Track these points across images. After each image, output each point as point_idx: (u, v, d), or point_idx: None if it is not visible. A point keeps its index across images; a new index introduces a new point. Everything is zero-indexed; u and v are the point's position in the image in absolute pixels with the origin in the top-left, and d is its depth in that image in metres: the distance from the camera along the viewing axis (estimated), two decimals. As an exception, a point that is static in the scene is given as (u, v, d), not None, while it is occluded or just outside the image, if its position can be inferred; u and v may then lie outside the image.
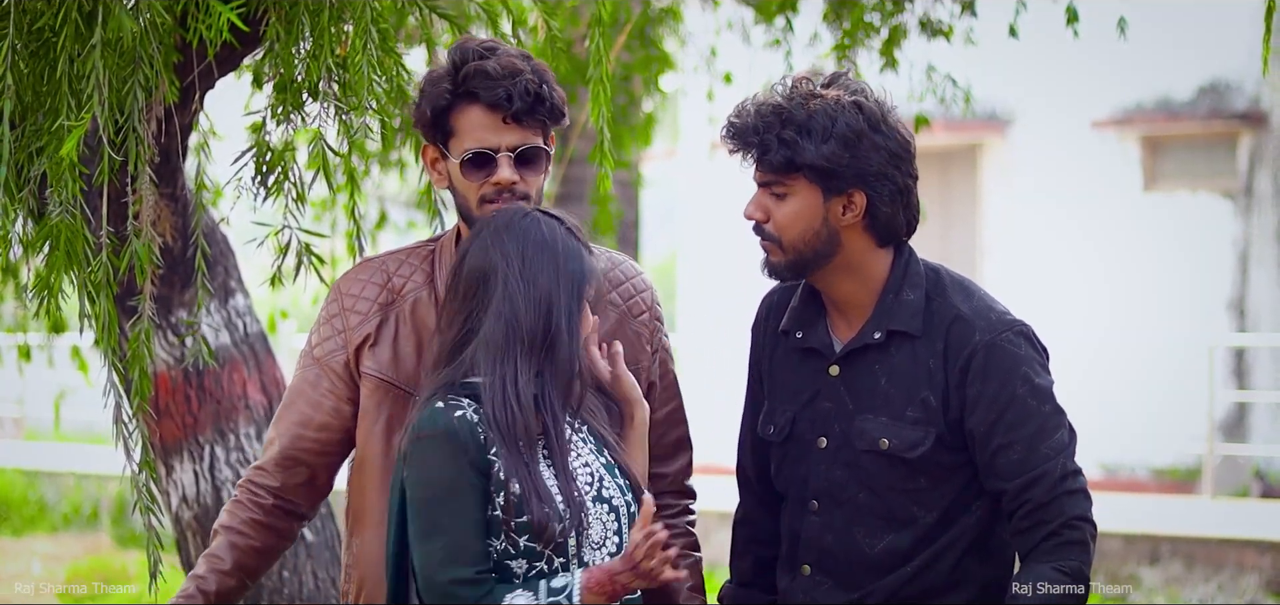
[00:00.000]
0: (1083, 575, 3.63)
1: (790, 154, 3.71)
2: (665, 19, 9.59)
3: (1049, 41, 8.38)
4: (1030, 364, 3.73)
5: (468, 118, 3.72)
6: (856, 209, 3.74)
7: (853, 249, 3.78)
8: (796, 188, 3.75)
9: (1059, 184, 16.97)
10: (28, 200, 4.19)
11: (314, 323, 3.97)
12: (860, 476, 3.80)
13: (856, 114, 3.72)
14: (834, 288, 3.84)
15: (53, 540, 15.71)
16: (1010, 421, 3.68)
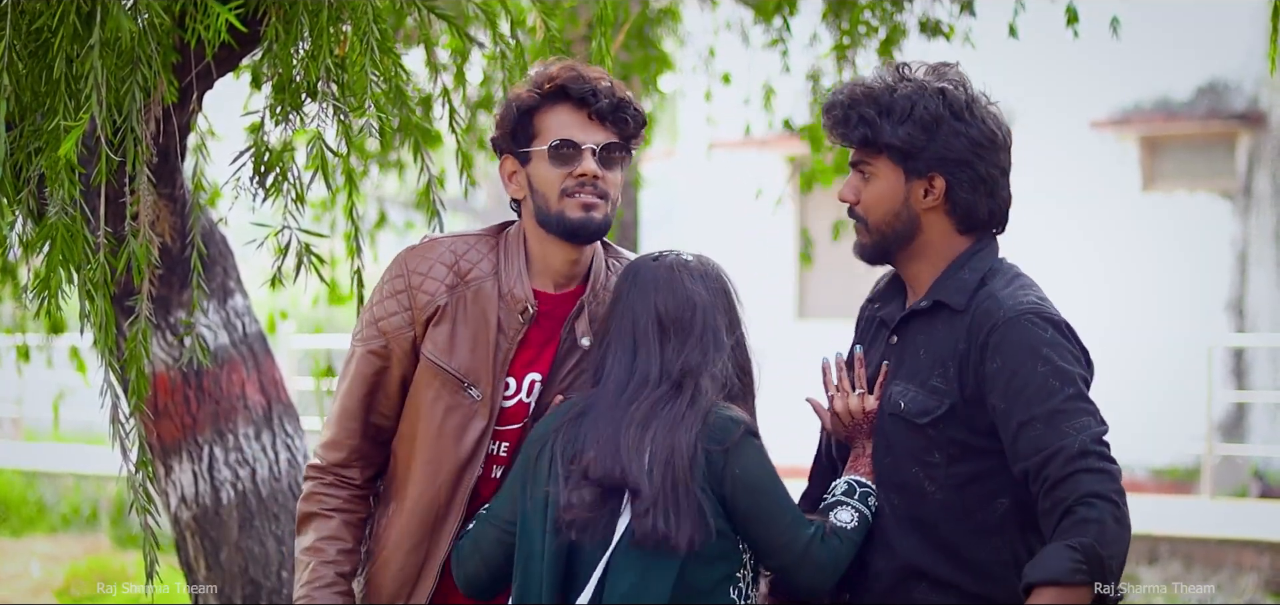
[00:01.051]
0: (1095, 555, 3.51)
1: (869, 132, 3.81)
2: (664, 19, 9.59)
3: (1048, 42, 8.39)
4: (1054, 347, 3.71)
5: (555, 115, 3.91)
6: (936, 193, 3.82)
7: (933, 233, 3.86)
8: (880, 168, 3.84)
9: (1058, 184, 16.97)
10: (26, 201, 4.19)
11: (374, 295, 3.99)
12: (885, 439, 3.87)
13: (939, 99, 3.80)
14: (912, 270, 3.92)
15: (52, 541, 15.71)
16: (1028, 398, 3.65)
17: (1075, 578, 3.51)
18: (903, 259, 3.91)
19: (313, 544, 3.98)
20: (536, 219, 3.93)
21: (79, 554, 14.83)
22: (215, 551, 5.33)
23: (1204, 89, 16.70)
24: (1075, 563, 3.51)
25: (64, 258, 3.90)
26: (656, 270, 3.89)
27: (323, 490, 3.98)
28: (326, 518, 3.97)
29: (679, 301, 3.85)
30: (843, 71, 7.59)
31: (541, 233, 3.94)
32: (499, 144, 3.99)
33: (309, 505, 3.99)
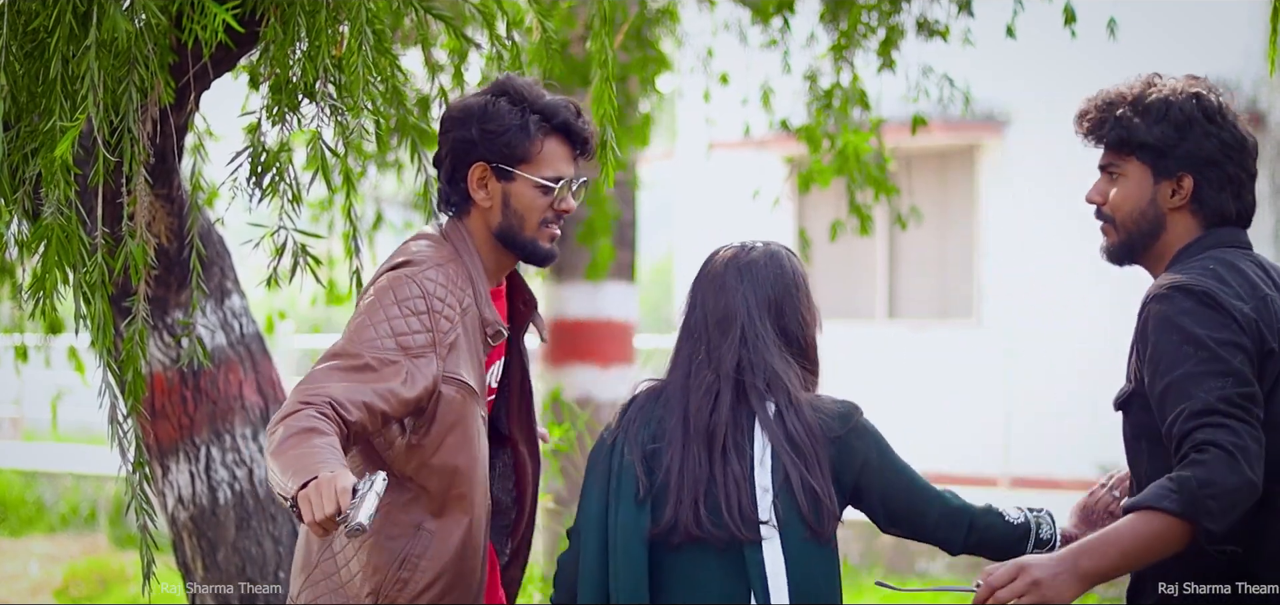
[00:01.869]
0: (1190, 490, 3.55)
1: (1125, 132, 3.95)
2: (662, 19, 9.59)
3: (1046, 41, 8.39)
4: (1188, 314, 3.74)
5: (550, 146, 4.04)
6: (1184, 192, 3.91)
7: (1176, 233, 3.95)
8: (1129, 169, 3.97)
9: (1057, 184, 16.96)
10: (23, 201, 4.19)
11: (384, 313, 3.89)
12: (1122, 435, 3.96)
13: (1192, 102, 3.91)
14: (1154, 270, 4.00)
15: (50, 541, 15.71)
16: (1164, 368, 3.71)
17: (1162, 504, 3.57)
18: (1148, 260, 4.01)
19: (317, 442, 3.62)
20: (498, 233, 4.05)
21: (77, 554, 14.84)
22: (212, 552, 5.33)
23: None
24: (1165, 491, 3.58)
25: (60, 258, 3.90)
26: (710, 267, 4.03)
27: (319, 417, 3.69)
28: (327, 435, 3.66)
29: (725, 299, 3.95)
30: (840, 72, 7.59)
31: (496, 245, 4.06)
32: (479, 151, 4.02)
33: (306, 422, 3.66)
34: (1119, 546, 3.61)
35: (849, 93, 7.62)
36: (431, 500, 4.01)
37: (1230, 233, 3.95)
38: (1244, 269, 3.85)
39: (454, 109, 4.09)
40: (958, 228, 17.76)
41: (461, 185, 4.03)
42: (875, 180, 7.75)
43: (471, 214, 4.05)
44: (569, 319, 10.61)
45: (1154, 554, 3.63)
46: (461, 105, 4.08)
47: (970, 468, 17.37)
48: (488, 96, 4.04)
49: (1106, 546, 3.62)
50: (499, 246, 4.06)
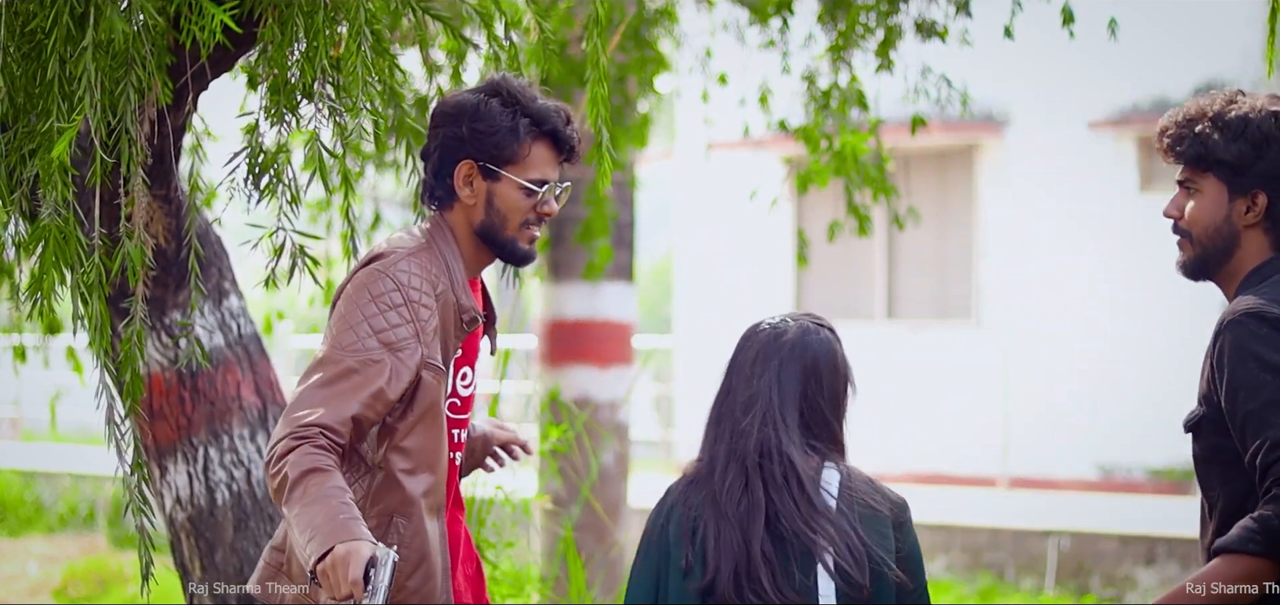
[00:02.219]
0: (1273, 528, 3.60)
1: (1202, 148, 3.94)
2: (660, 20, 9.59)
3: (1045, 42, 8.39)
4: (1265, 342, 3.75)
5: (538, 149, 4.09)
6: (1259, 209, 3.92)
7: (1249, 250, 3.96)
8: (1206, 185, 3.96)
9: (1055, 184, 16.98)
10: (20, 202, 4.19)
11: (362, 312, 3.95)
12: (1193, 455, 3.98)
13: (1271, 121, 3.94)
14: (1227, 288, 4.01)
15: (49, 541, 15.71)
16: (1245, 394, 3.72)
17: (1247, 546, 3.62)
18: (1222, 277, 4.01)
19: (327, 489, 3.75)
20: (480, 231, 4.11)
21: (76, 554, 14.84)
22: (210, 552, 5.32)
23: (1201, 89, 16.66)
24: (1249, 533, 3.62)
25: (57, 259, 3.90)
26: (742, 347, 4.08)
27: (316, 451, 3.80)
28: (328, 472, 3.78)
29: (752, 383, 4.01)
30: (839, 73, 7.59)
31: (477, 241, 4.12)
32: (468, 148, 4.06)
33: (306, 460, 3.77)
34: (1213, 591, 3.65)
35: (847, 93, 7.62)
36: (398, 488, 4.04)
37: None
38: None
39: (446, 104, 4.11)
40: (956, 228, 17.77)
41: (447, 180, 4.08)
42: (873, 181, 7.75)
43: (454, 209, 4.10)
44: (567, 319, 10.61)
45: (1243, 597, 3.66)
46: (454, 101, 4.11)
47: (969, 468, 17.37)
48: (481, 95, 4.07)
49: (1194, 594, 3.66)
50: (479, 243, 4.12)
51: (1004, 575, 13.81)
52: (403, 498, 4.04)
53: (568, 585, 7.62)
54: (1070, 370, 16.78)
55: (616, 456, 11.18)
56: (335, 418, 3.84)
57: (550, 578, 8.31)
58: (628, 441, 11.36)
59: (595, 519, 10.28)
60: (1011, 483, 16.83)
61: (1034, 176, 17.18)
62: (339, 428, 3.84)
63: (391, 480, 4.04)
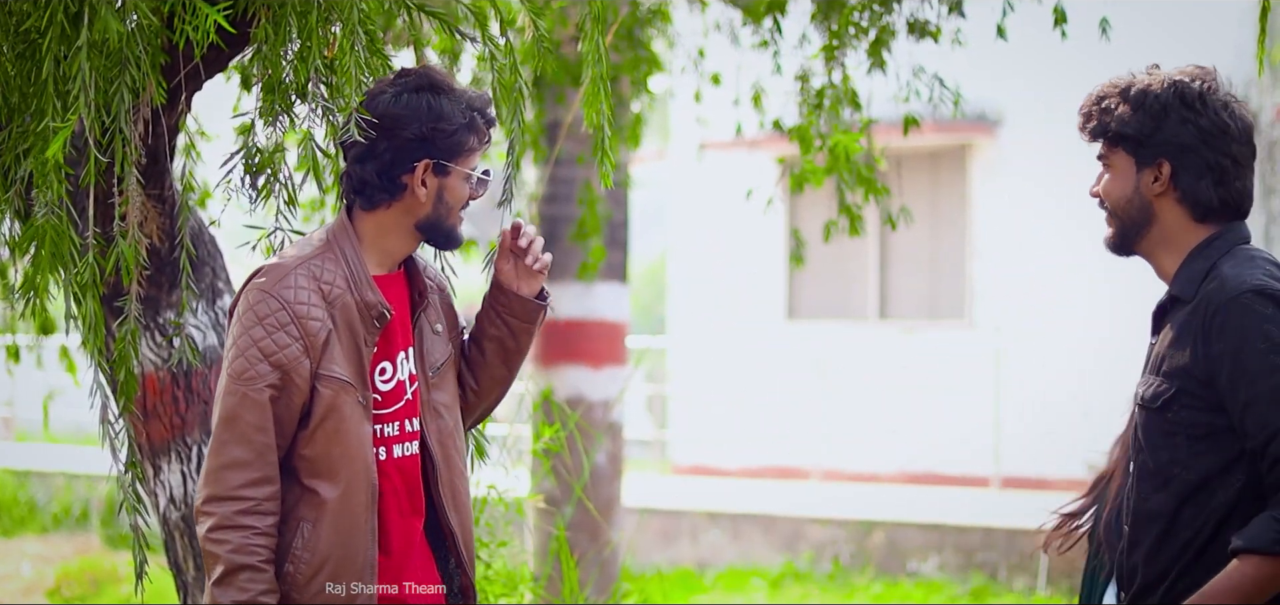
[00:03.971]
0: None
1: (1108, 123, 4.07)
2: (653, 20, 9.60)
3: (1037, 42, 8.40)
4: (1274, 322, 3.77)
5: (475, 142, 4.16)
6: (1164, 178, 3.99)
7: (1167, 221, 4.03)
8: (1117, 159, 4.08)
9: (1048, 184, 16.99)
10: (14, 201, 4.19)
11: (251, 332, 4.02)
12: (1136, 431, 4.01)
13: (1171, 90, 3.98)
14: (1156, 261, 4.09)
15: (42, 541, 15.71)
16: (1251, 377, 3.73)
17: (1275, 549, 3.63)
18: (1145, 249, 4.10)
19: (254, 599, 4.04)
20: (423, 224, 4.16)
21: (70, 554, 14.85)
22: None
23: (1194, 90, 16.71)
24: (1277, 534, 3.63)
25: (52, 259, 3.91)
26: None
27: (253, 542, 4.03)
28: (261, 570, 4.04)
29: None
30: (832, 73, 7.60)
31: (412, 232, 4.17)
32: (428, 148, 4.09)
33: (240, 557, 4.02)
34: (1238, 591, 3.67)
35: (840, 93, 7.63)
36: (305, 492, 4.10)
37: (1243, 229, 4.01)
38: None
39: (390, 105, 4.08)
40: (949, 228, 17.78)
41: (399, 178, 4.09)
42: (865, 180, 7.76)
43: (393, 206, 4.13)
44: (560, 319, 10.62)
45: (1266, 595, 3.68)
46: (397, 101, 4.09)
47: (961, 468, 17.39)
48: (425, 93, 4.09)
49: (1222, 594, 3.68)
50: (414, 235, 4.17)
51: (996, 575, 13.83)
52: (308, 502, 4.09)
53: (561, 585, 7.63)
54: (1063, 370, 16.79)
55: (609, 456, 11.19)
56: (270, 471, 4.05)
57: (543, 577, 8.33)
58: (621, 441, 11.38)
59: (588, 518, 10.29)
60: (1004, 483, 16.84)
61: (1026, 176, 17.19)
62: (261, 499, 4.04)
63: (297, 485, 4.11)
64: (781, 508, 15.30)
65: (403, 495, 4.22)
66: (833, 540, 14.73)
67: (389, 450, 4.19)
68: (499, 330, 4.39)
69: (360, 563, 4.10)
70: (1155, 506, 3.90)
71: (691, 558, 14.95)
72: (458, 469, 4.33)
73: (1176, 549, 3.86)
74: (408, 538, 4.23)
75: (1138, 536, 3.95)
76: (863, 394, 18.02)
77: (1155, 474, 3.91)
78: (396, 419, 4.21)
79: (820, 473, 17.74)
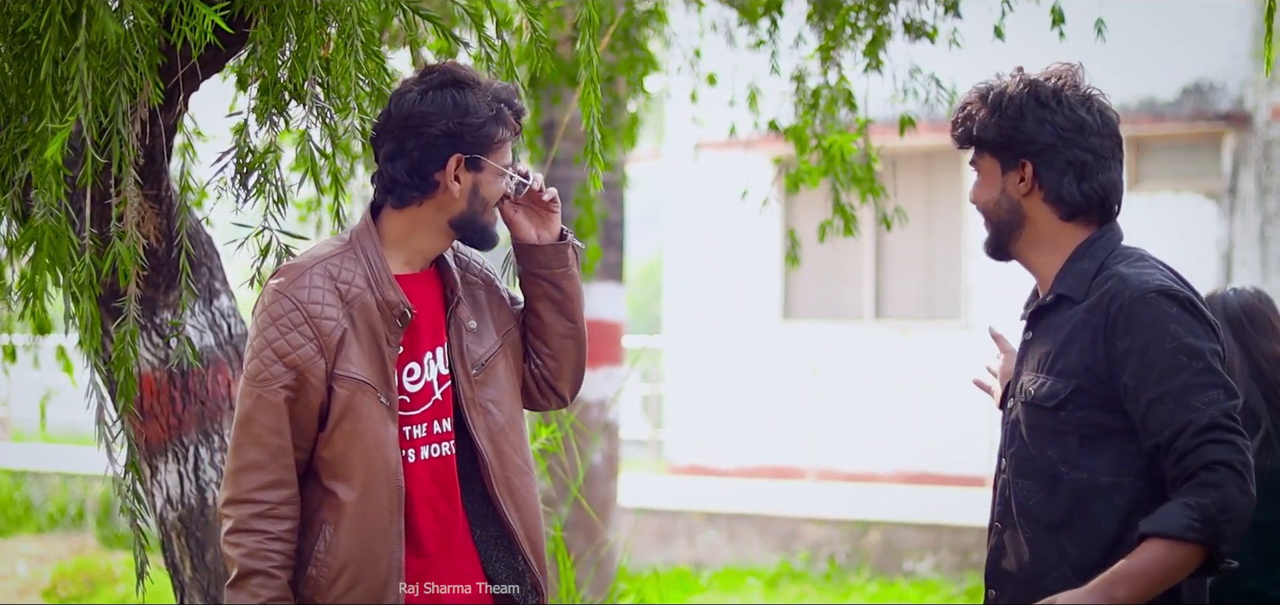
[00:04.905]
0: (1211, 517, 3.64)
1: (970, 128, 4.06)
2: (649, 20, 9.60)
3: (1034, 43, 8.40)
4: (1180, 322, 3.83)
5: (509, 140, 4.15)
6: (1028, 179, 4.02)
7: (1038, 222, 4.06)
8: (983, 164, 4.09)
9: (1044, 185, 16.98)
10: (12, 202, 4.19)
11: (266, 333, 4.03)
12: (1020, 429, 4.01)
13: (1026, 90, 3.99)
14: (1031, 262, 4.12)
15: (38, 541, 15.71)
16: (1159, 375, 3.77)
17: (1187, 535, 3.66)
18: (1018, 250, 4.12)
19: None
20: (457, 221, 4.12)
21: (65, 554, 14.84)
22: (201, 552, 5.32)
23: (1189, 90, 16.74)
24: (1190, 521, 3.65)
25: (50, 260, 3.91)
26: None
27: (267, 547, 4.04)
28: (273, 576, 4.05)
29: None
30: (828, 73, 7.60)
31: (445, 229, 4.14)
32: (459, 143, 4.07)
33: (253, 561, 4.04)
34: (1149, 575, 3.69)
35: (836, 93, 7.63)
36: (327, 495, 4.10)
37: (1120, 230, 4.10)
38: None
39: (416, 103, 4.07)
40: (944, 228, 17.79)
41: (431, 175, 4.07)
42: (861, 181, 7.76)
43: (425, 204, 4.10)
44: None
45: (1176, 580, 3.72)
46: (424, 99, 4.07)
47: (957, 468, 17.39)
48: (450, 89, 4.07)
49: (1135, 577, 3.70)
50: (447, 232, 4.14)
51: (992, 574, 13.82)
52: (329, 504, 4.09)
53: (557, 585, 7.63)
54: (1059, 370, 16.79)
55: (605, 456, 11.19)
56: (285, 474, 4.05)
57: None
58: (617, 441, 11.38)
59: (584, 518, 10.30)
60: (1000, 482, 16.84)
61: (1022, 176, 17.19)
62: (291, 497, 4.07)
63: (319, 487, 4.11)
64: (777, 508, 15.31)
65: (437, 498, 4.18)
66: (828, 540, 14.73)
67: (417, 452, 4.15)
68: (542, 287, 4.31)
69: (384, 565, 4.08)
70: (1039, 505, 3.94)
71: (688, 558, 14.95)
72: (515, 465, 4.27)
73: (1071, 549, 3.89)
74: (445, 540, 4.19)
75: (1018, 534, 3.98)
76: (858, 394, 18.03)
77: (1041, 472, 3.94)
78: (424, 420, 4.17)
79: (816, 473, 17.75)
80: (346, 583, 4.07)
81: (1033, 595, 3.91)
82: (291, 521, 4.06)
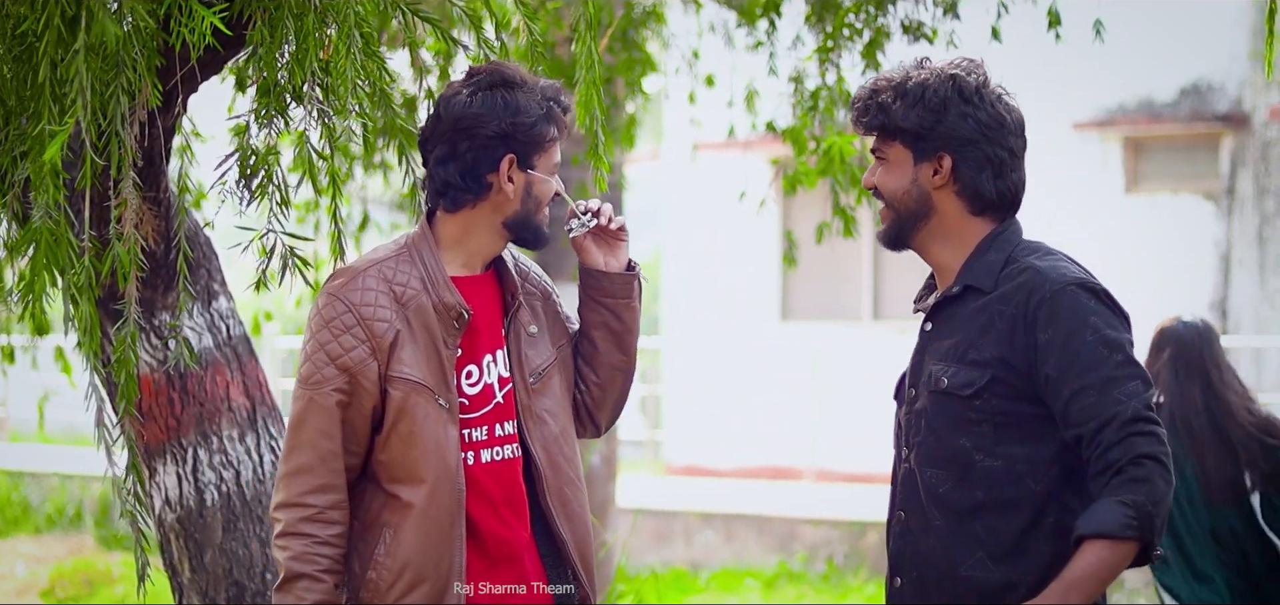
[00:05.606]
0: (1146, 513, 3.68)
1: (885, 117, 4.02)
2: (648, 21, 9.60)
3: (1031, 43, 8.40)
4: (1100, 315, 3.87)
5: (552, 134, 4.14)
6: (945, 172, 4.02)
7: (946, 213, 4.07)
8: (893, 152, 4.06)
9: (1041, 185, 16.96)
10: (11, 204, 4.20)
11: (319, 337, 4.05)
12: (928, 418, 4.02)
13: (949, 84, 4.01)
14: (933, 253, 4.13)
15: (36, 542, 15.70)
16: (1082, 367, 3.81)
17: (1126, 533, 3.69)
18: (921, 241, 4.12)
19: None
20: (511, 221, 4.13)
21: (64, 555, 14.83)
22: (199, 553, 5.33)
23: (1187, 90, 16.73)
24: (1127, 518, 3.69)
25: (49, 261, 3.91)
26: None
27: (314, 551, 4.04)
28: (319, 580, 4.05)
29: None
30: (826, 74, 7.60)
31: (500, 230, 4.15)
32: (511, 144, 4.08)
33: (299, 564, 4.04)
34: (1097, 576, 3.73)
35: (834, 94, 7.63)
36: (388, 499, 4.10)
37: (1020, 225, 4.14)
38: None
39: (467, 104, 4.09)
40: (943, 228, 17.78)
41: (485, 176, 4.08)
42: (859, 182, 7.76)
43: (479, 205, 4.12)
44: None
45: (1116, 576, 3.77)
46: (475, 100, 4.09)
47: (956, 468, 17.38)
48: (499, 90, 4.09)
49: (1085, 580, 3.73)
50: (502, 233, 4.15)
51: (990, 575, 13.82)
52: (391, 507, 4.09)
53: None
54: (1056, 371, 16.79)
55: (603, 457, 11.19)
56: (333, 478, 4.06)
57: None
58: (615, 442, 11.38)
59: (583, 519, 10.28)
60: (998, 483, 16.84)
61: (1020, 177, 17.18)
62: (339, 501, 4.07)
63: (381, 492, 4.11)
64: (775, 508, 15.31)
65: (499, 501, 4.17)
66: (827, 541, 14.73)
67: (477, 455, 4.14)
68: (602, 314, 4.33)
69: (445, 567, 4.08)
70: (950, 493, 3.96)
71: (685, 558, 14.95)
72: (567, 477, 4.26)
73: (985, 535, 3.92)
74: (509, 545, 4.18)
75: (929, 522, 3.99)
76: (856, 395, 18.02)
77: (953, 461, 3.96)
78: (485, 423, 4.16)
79: (814, 473, 17.74)
80: (406, 585, 4.06)
81: (946, 582, 3.95)
82: (340, 526, 4.06)
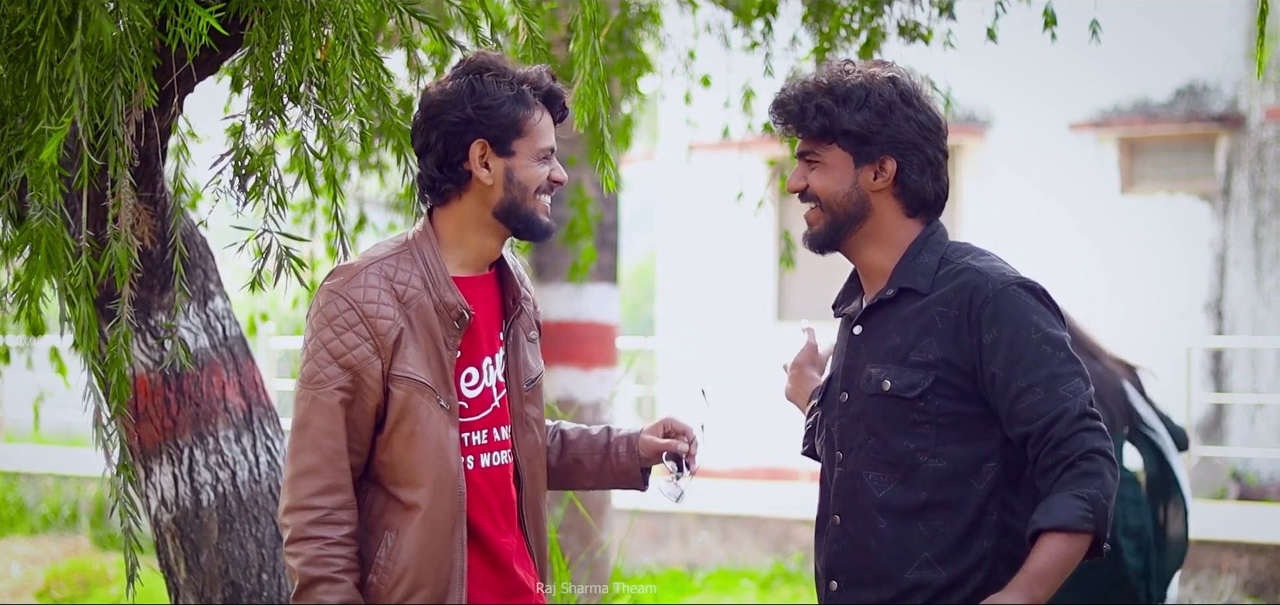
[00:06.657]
0: (1100, 505, 3.73)
1: (827, 121, 4.00)
2: (644, 21, 9.60)
3: (1027, 44, 8.41)
4: (1041, 314, 3.91)
5: (542, 119, 4.07)
6: (887, 175, 4.01)
7: (882, 216, 4.04)
8: (830, 156, 4.03)
9: (1037, 186, 17.01)
10: (8, 204, 4.19)
11: (320, 335, 4.02)
12: (867, 422, 4.03)
13: (891, 87, 4.00)
14: (864, 256, 4.09)
15: (32, 542, 15.68)
16: (1027, 365, 3.85)
17: (1083, 526, 3.75)
18: (853, 244, 4.09)
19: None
20: (499, 210, 4.08)
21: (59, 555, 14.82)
22: (195, 554, 5.32)
23: (1183, 91, 16.74)
24: (1084, 512, 3.74)
25: (46, 262, 3.91)
26: None
27: (328, 553, 4.00)
28: (337, 581, 4.00)
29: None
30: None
31: (492, 223, 4.09)
32: (476, 129, 4.04)
33: (314, 569, 3.99)
34: (1058, 569, 3.77)
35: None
36: (390, 501, 4.07)
37: (943, 226, 4.11)
38: None
39: (437, 93, 4.08)
40: (939, 229, 17.78)
41: (460, 166, 4.05)
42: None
43: (465, 197, 4.08)
44: (551, 320, 10.62)
45: (1071, 570, 3.81)
46: (443, 89, 4.07)
47: (951, 469, 17.38)
48: (469, 76, 4.06)
49: (1047, 574, 3.77)
50: (495, 226, 4.10)
51: (986, 575, 13.82)
52: (392, 510, 4.07)
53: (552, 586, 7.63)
54: (1052, 371, 16.79)
55: (601, 458, 11.16)
56: (341, 478, 4.01)
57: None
58: (612, 442, 11.33)
59: (579, 520, 10.29)
60: (994, 483, 16.84)
61: (1016, 178, 17.20)
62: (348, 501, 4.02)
63: (382, 493, 4.08)
64: (771, 509, 15.30)
65: (495, 507, 4.17)
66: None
67: (476, 459, 4.13)
68: (593, 464, 4.41)
69: (446, 571, 4.05)
70: (893, 495, 3.98)
71: (681, 559, 14.94)
72: (541, 488, 4.28)
73: (930, 536, 3.95)
74: (504, 551, 4.18)
75: (870, 525, 4.00)
76: (852, 395, 18.03)
77: (895, 463, 3.98)
78: (484, 427, 4.15)
79: (809, 474, 17.74)
80: (407, 588, 4.04)
81: (888, 585, 3.97)
82: (350, 526, 4.02)
